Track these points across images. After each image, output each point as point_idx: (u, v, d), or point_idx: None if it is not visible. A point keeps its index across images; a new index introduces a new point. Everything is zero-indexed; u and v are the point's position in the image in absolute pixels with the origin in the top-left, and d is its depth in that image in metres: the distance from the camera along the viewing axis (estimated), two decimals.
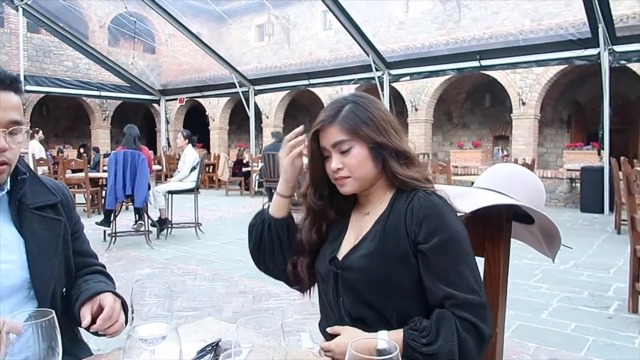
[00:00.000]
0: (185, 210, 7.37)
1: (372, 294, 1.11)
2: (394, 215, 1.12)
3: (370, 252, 1.11)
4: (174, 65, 15.65)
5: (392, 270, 1.09)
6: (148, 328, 0.82)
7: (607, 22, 7.54)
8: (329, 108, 1.16)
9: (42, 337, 0.69)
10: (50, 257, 1.11)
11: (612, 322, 3.21)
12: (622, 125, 11.33)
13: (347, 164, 1.13)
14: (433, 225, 1.06)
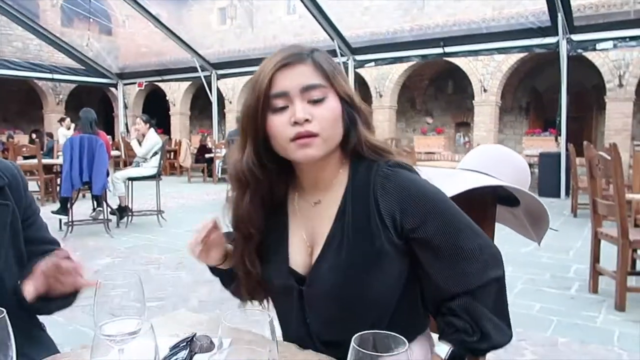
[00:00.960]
0: (145, 197, 7.14)
1: (346, 311, 0.91)
2: (357, 203, 0.90)
3: (341, 262, 0.89)
4: (132, 48, 15.07)
5: (371, 277, 0.89)
6: (116, 325, 0.74)
7: (566, 12, 7.72)
8: (291, 48, 0.89)
9: None
10: None
11: (575, 302, 3.30)
12: (578, 113, 11.72)
13: (319, 117, 0.85)
14: (418, 209, 0.86)
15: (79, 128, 5.42)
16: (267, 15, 16.16)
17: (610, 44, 8.20)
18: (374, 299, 0.91)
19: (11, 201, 1.06)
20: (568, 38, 8.20)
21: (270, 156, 0.91)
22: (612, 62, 10.13)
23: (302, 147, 0.85)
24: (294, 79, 0.86)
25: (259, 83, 0.87)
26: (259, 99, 0.86)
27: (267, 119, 0.87)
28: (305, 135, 0.85)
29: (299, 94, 0.86)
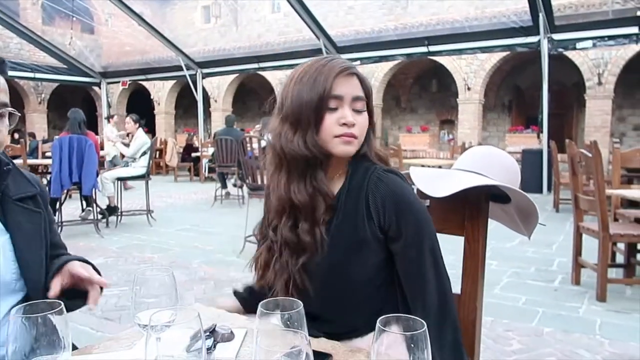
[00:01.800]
0: (133, 197, 7.15)
1: (327, 288, 1.05)
2: (351, 197, 1.04)
3: (329, 237, 1.04)
4: (116, 47, 14.94)
5: (351, 261, 1.03)
6: (152, 315, 0.80)
7: (547, 11, 7.91)
8: (344, 60, 1.06)
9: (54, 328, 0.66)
10: (37, 250, 1.07)
11: (558, 294, 3.43)
12: (559, 110, 11.97)
13: (359, 124, 1.04)
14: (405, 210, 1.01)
15: (67, 128, 5.40)
16: (252, 14, 16.15)
17: (590, 43, 8.42)
18: (353, 280, 1.05)
19: (42, 210, 1.12)
20: (549, 37, 8.39)
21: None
22: (592, 61, 10.38)
23: (345, 144, 1.03)
24: (349, 87, 1.04)
25: (321, 83, 1.02)
26: (321, 97, 1.02)
27: (325, 114, 1.03)
28: (350, 135, 1.02)
29: (350, 100, 1.04)
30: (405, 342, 0.61)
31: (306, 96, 1.03)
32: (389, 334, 0.61)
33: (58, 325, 0.68)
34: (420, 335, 0.60)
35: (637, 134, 11.35)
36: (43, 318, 0.67)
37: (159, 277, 0.90)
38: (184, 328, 1.00)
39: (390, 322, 0.61)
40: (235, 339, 1.02)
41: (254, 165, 4.72)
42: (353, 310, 1.08)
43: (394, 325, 0.62)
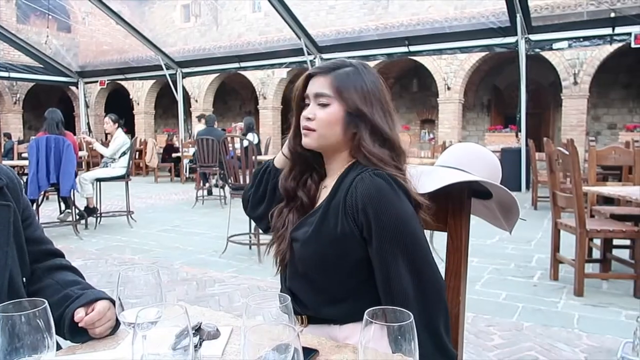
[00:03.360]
0: (112, 198, 7.04)
1: (307, 268, 1.12)
2: (340, 193, 1.08)
3: (311, 228, 1.09)
4: (93, 46, 14.69)
5: (329, 251, 1.07)
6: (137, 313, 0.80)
7: (524, 12, 8.04)
8: (331, 62, 1.16)
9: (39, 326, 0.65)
10: (2, 246, 1.03)
11: (537, 289, 3.49)
12: (536, 109, 12.18)
13: (319, 118, 1.11)
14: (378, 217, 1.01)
15: (44, 129, 5.30)
16: (232, 13, 16.03)
17: (566, 44, 8.59)
18: (335, 272, 1.09)
19: (11, 202, 1.09)
20: (526, 38, 8.54)
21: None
22: (568, 61, 10.59)
23: (304, 136, 1.14)
24: (313, 85, 1.14)
25: (298, 84, 1.17)
26: (297, 99, 1.18)
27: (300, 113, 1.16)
28: (305, 127, 1.12)
29: (313, 97, 1.13)
30: (389, 334, 0.62)
31: (293, 95, 1.19)
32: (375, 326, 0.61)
33: (42, 324, 0.67)
34: (407, 327, 0.60)
35: (611, 133, 11.61)
36: (27, 317, 0.65)
37: (144, 275, 0.90)
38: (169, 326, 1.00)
39: (377, 314, 0.62)
40: (221, 337, 1.01)
41: (235, 165, 4.70)
42: (333, 301, 1.12)
43: (381, 318, 0.62)
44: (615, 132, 11.42)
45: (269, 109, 14.42)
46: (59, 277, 1.14)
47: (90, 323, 0.97)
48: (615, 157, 4.27)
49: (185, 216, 6.76)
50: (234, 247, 4.62)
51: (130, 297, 0.87)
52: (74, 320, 0.97)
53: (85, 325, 0.97)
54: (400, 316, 0.62)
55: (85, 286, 1.11)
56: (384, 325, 0.62)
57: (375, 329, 0.61)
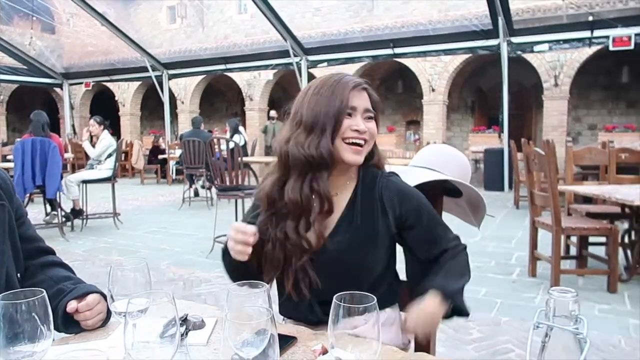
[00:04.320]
0: (98, 200, 7.03)
1: (346, 274, 1.16)
2: (365, 197, 1.18)
3: (348, 237, 1.16)
4: (78, 47, 14.60)
5: (368, 249, 1.17)
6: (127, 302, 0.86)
7: (505, 15, 8.20)
8: (356, 78, 1.19)
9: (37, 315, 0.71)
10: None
11: (516, 285, 3.61)
12: (519, 111, 12.40)
13: (371, 132, 1.17)
14: (412, 205, 1.19)
15: (30, 131, 5.29)
16: (218, 15, 16.04)
17: (546, 46, 8.78)
18: (368, 265, 1.19)
19: (5, 201, 1.15)
20: (508, 40, 8.71)
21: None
22: (548, 63, 10.80)
23: (355, 153, 1.15)
24: (362, 100, 1.17)
25: (339, 95, 1.14)
26: (340, 106, 1.14)
27: (343, 119, 1.14)
28: (360, 140, 1.15)
29: (362, 111, 1.17)
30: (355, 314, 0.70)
31: (324, 106, 1.14)
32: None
33: (41, 313, 0.73)
34: (370, 308, 0.68)
35: (592, 133, 11.86)
36: (27, 305, 0.71)
37: (133, 269, 0.96)
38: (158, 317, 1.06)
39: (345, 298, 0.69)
40: (206, 327, 1.08)
41: (222, 167, 4.75)
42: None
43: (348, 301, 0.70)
44: (595, 132, 11.66)
45: (256, 111, 14.45)
46: (51, 273, 1.19)
47: (82, 312, 1.03)
48: (591, 157, 4.41)
49: (172, 218, 6.78)
50: (221, 248, 4.66)
51: (121, 289, 0.94)
52: (66, 312, 1.03)
53: (77, 313, 1.03)
54: (365, 299, 0.70)
55: (77, 281, 1.17)
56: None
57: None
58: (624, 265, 3.77)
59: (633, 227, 3.65)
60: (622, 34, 7.91)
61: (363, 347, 0.75)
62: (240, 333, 0.78)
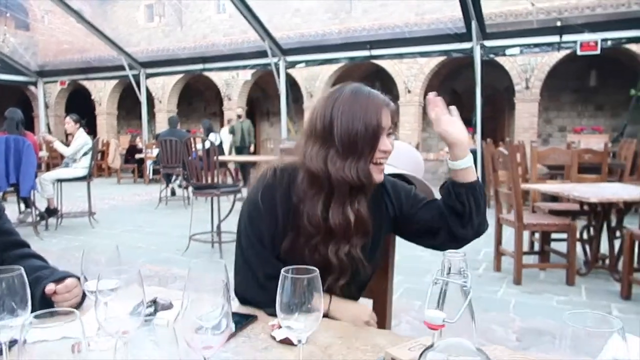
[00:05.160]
0: (73, 199, 6.98)
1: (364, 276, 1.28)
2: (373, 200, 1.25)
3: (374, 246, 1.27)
4: (53, 45, 14.39)
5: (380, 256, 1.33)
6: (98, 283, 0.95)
7: (479, 19, 8.40)
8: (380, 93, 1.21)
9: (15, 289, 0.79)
10: None
11: (481, 279, 3.76)
12: (492, 113, 12.69)
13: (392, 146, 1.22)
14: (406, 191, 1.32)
15: (4, 128, 5.26)
16: (197, 14, 15.99)
17: (517, 50, 9.02)
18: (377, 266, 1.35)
19: None
20: (481, 44, 8.92)
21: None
22: (520, 66, 11.11)
23: (380, 172, 1.19)
24: (387, 118, 1.18)
25: (374, 115, 1.15)
26: (375, 128, 1.15)
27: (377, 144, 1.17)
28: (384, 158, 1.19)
29: (387, 130, 1.19)
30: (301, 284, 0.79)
31: (360, 126, 1.14)
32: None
33: (19, 288, 0.81)
34: (314, 279, 0.78)
35: (562, 135, 12.21)
36: (7, 280, 0.79)
37: (105, 249, 1.04)
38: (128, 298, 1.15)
39: (290, 269, 0.79)
40: (173, 309, 1.17)
41: (198, 166, 4.81)
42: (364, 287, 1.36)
43: (293, 272, 0.80)
44: (565, 134, 12.02)
45: (234, 110, 14.46)
46: (28, 264, 1.26)
47: (60, 294, 1.11)
48: (555, 157, 4.61)
49: (149, 217, 6.79)
50: (197, 246, 4.72)
51: (93, 271, 1.02)
52: (44, 296, 1.11)
53: (55, 295, 1.11)
54: (309, 271, 0.80)
55: (54, 270, 1.25)
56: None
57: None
58: (583, 260, 3.96)
59: (591, 224, 3.84)
60: (589, 39, 8.19)
61: (311, 318, 0.85)
62: (200, 309, 0.87)
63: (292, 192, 1.18)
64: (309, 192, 1.17)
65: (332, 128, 1.14)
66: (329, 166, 1.14)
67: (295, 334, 0.84)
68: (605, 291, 3.46)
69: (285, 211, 1.18)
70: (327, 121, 1.15)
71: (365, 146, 1.14)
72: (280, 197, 1.19)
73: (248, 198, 1.25)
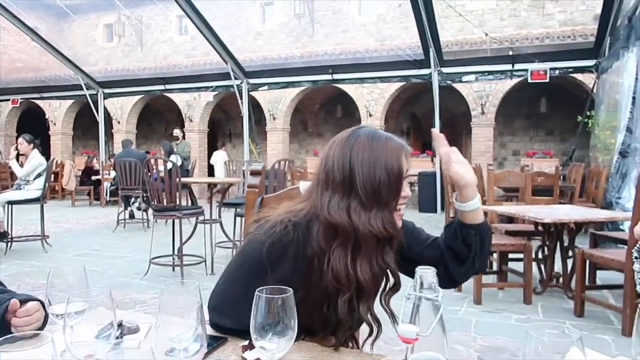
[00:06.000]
0: (23, 223, 6.68)
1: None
2: None
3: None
4: (5, 62, 13.89)
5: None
6: (64, 306, 0.92)
7: (436, 47, 8.75)
8: (397, 137, 1.18)
9: None
10: None
11: (443, 299, 3.81)
12: (451, 137, 12.91)
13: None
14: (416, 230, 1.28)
15: None
16: (158, 35, 15.88)
17: (473, 77, 9.43)
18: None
19: None
20: (439, 70, 9.26)
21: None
22: (476, 93, 11.56)
23: (400, 219, 1.15)
24: (407, 164, 1.14)
25: (395, 163, 1.11)
26: (398, 178, 1.11)
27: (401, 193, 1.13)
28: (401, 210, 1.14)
29: (407, 175, 1.14)
30: (273, 305, 0.80)
31: (382, 175, 1.09)
32: None
33: None
34: (288, 298, 0.79)
35: (515, 159, 12.72)
36: None
37: (72, 271, 1.02)
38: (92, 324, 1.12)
39: (263, 290, 0.80)
40: (140, 332, 1.14)
41: (159, 187, 4.72)
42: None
43: (267, 292, 0.80)
44: (518, 157, 12.52)
45: (195, 132, 14.33)
46: None
47: (20, 317, 1.07)
48: (510, 180, 4.79)
49: (106, 240, 6.57)
50: (157, 269, 4.60)
51: (59, 293, 0.99)
52: (5, 318, 1.06)
53: (15, 318, 1.06)
54: (283, 291, 0.81)
55: (12, 293, 1.20)
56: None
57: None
58: (539, 279, 4.10)
59: (545, 244, 4.00)
60: (539, 68, 8.65)
61: (284, 339, 0.85)
62: (171, 332, 0.86)
63: (306, 247, 1.09)
64: (330, 246, 1.08)
65: (352, 178, 1.08)
66: (354, 218, 1.07)
67: (268, 354, 0.84)
68: (560, 308, 3.59)
69: (296, 268, 1.09)
70: (346, 170, 1.09)
71: (389, 195, 1.10)
72: (293, 254, 1.08)
73: (245, 252, 1.15)
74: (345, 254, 1.07)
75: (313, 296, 1.10)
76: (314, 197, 1.13)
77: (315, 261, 1.08)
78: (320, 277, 1.08)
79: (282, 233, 1.08)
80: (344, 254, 1.07)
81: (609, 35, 7.42)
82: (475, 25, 10.29)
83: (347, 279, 1.06)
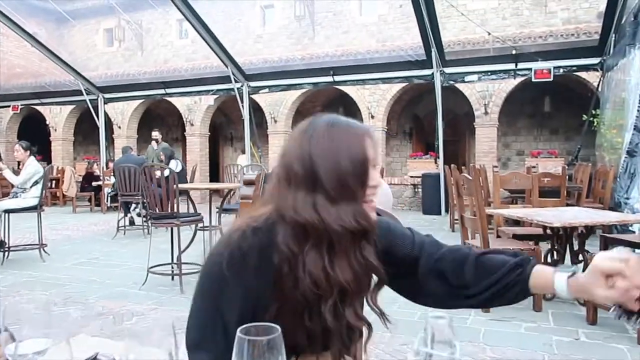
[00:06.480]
0: (22, 231, 6.58)
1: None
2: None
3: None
4: (5, 68, 13.83)
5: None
6: (27, 344, 0.82)
7: (438, 47, 8.64)
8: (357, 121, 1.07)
9: None
10: None
11: None
12: (454, 137, 12.98)
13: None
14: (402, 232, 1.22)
15: None
16: (158, 39, 15.83)
17: (476, 77, 9.31)
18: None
19: None
20: (441, 70, 9.15)
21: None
22: (479, 93, 11.44)
23: (372, 210, 1.03)
24: (373, 149, 1.02)
25: (359, 149, 1.00)
26: (364, 164, 0.99)
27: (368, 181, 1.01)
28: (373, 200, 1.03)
29: (373, 162, 1.02)
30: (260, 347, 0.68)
31: (345, 165, 0.98)
32: None
33: None
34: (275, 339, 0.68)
35: (520, 159, 12.58)
36: None
37: (34, 308, 0.91)
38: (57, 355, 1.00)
39: (249, 330, 0.69)
40: None
41: (156, 194, 4.61)
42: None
43: (253, 334, 0.69)
44: (522, 158, 12.38)
45: (196, 136, 14.25)
46: None
47: None
48: (516, 182, 4.66)
49: (105, 247, 6.47)
50: (155, 279, 4.50)
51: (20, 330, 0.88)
52: None
53: None
54: (270, 331, 0.69)
55: None
56: None
57: None
58: None
59: (554, 248, 3.88)
60: (543, 67, 8.52)
61: None
62: None
63: (270, 253, 0.98)
64: (303, 249, 0.97)
65: (315, 171, 0.97)
66: (323, 214, 0.96)
67: None
68: (572, 315, 3.47)
69: (261, 277, 0.98)
70: (307, 164, 0.98)
71: (356, 185, 0.99)
72: (255, 262, 0.97)
73: (206, 270, 1.02)
74: (320, 256, 0.97)
75: (290, 307, 0.99)
76: (276, 198, 1.01)
77: (285, 268, 0.97)
78: (294, 285, 0.97)
79: (240, 240, 0.98)
80: (319, 256, 0.97)
81: (613, 32, 7.29)
82: (478, 24, 10.16)
83: (328, 283, 0.97)
